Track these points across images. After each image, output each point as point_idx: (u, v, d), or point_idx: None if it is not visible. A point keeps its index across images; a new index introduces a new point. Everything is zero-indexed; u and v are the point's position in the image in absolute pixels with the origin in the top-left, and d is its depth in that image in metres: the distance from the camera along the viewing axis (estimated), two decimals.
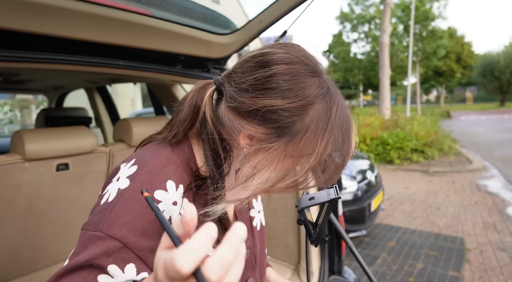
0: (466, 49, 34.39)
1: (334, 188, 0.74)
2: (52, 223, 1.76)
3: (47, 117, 2.67)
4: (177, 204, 0.60)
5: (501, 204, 4.86)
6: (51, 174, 1.65)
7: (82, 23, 1.20)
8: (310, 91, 0.56)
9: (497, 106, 34.78)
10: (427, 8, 20.74)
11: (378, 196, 3.82)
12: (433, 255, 3.38)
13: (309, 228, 0.76)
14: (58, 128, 1.65)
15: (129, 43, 1.40)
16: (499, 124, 16.61)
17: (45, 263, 1.79)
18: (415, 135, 8.66)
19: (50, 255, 1.80)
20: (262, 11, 1.58)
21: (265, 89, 0.56)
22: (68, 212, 1.81)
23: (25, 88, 3.14)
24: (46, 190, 1.67)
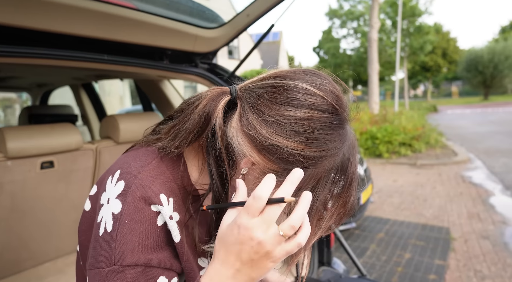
0: (452, 45, 34.97)
1: None
2: (37, 222, 1.73)
3: (30, 115, 2.61)
4: (172, 218, 0.58)
5: (485, 194, 4.98)
6: (35, 172, 1.62)
7: (63, 16, 1.18)
8: (334, 144, 0.54)
9: (481, 100, 35.47)
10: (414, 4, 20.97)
11: (368, 189, 3.87)
12: (420, 245, 3.44)
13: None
14: (42, 125, 1.62)
15: (113, 37, 1.38)
16: (483, 117, 16.96)
17: (30, 264, 1.76)
18: (403, 129, 8.78)
19: (34, 255, 1.77)
20: (249, 5, 1.57)
21: (292, 131, 0.53)
22: (54, 210, 1.79)
23: (7, 86, 3.06)
24: (30, 189, 1.64)
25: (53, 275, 1.77)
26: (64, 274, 1.79)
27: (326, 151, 0.54)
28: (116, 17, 1.28)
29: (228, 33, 1.73)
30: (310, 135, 0.53)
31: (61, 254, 1.90)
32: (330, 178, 0.56)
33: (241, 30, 1.71)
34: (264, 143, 0.53)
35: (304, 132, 0.53)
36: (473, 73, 34.10)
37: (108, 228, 0.55)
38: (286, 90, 0.55)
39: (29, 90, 3.44)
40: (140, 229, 0.54)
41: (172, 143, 0.60)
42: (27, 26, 1.12)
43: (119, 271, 0.53)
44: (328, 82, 0.58)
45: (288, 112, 0.53)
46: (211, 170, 0.59)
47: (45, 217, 1.76)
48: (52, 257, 1.86)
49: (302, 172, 0.51)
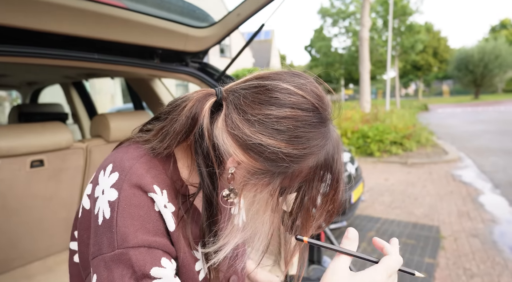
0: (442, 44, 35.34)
1: None
2: (27, 221, 1.72)
3: (20, 113, 2.59)
4: (167, 207, 0.58)
5: (474, 193, 5.06)
6: (24, 170, 1.61)
7: (53, 15, 1.17)
8: (316, 142, 0.55)
9: (471, 99, 35.94)
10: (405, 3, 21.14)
11: (359, 187, 3.91)
12: (410, 243, 3.49)
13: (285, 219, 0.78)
14: (32, 124, 1.61)
15: (104, 37, 1.37)
16: (473, 116, 17.19)
17: (19, 263, 1.75)
18: (394, 128, 8.86)
19: (23, 254, 1.76)
20: (240, 4, 1.57)
21: (273, 129, 0.54)
22: (44, 209, 1.77)
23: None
24: (19, 188, 1.63)
25: (43, 274, 1.76)
26: (54, 272, 1.79)
27: (308, 149, 0.55)
28: (107, 17, 1.27)
29: (219, 33, 1.74)
30: (292, 133, 0.54)
31: (51, 252, 1.89)
32: (316, 176, 0.57)
33: (232, 29, 1.72)
34: (247, 142, 0.55)
35: (285, 131, 0.54)
36: (463, 72, 34.51)
37: (107, 215, 0.54)
38: (267, 90, 0.56)
39: (19, 88, 3.40)
40: (139, 213, 0.55)
41: (161, 144, 0.61)
42: (16, 25, 1.11)
43: (123, 253, 0.52)
44: (309, 82, 0.59)
45: (269, 111, 0.55)
46: (201, 169, 0.60)
47: (35, 216, 1.75)
48: (42, 255, 1.85)
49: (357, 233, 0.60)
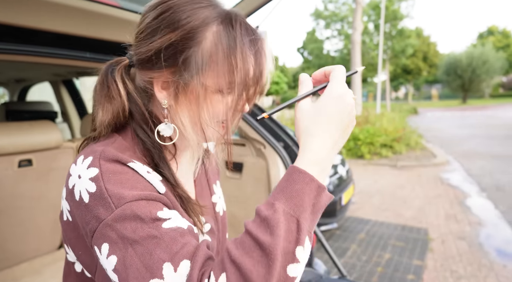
0: (432, 49, 35.89)
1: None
2: (14, 222, 1.68)
3: (8, 111, 2.54)
4: (150, 173, 0.58)
5: (461, 196, 5.15)
6: (12, 170, 1.58)
7: (44, 13, 1.15)
8: (200, 15, 0.54)
9: (460, 103, 36.61)
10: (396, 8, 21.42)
11: (349, 189, 3.93)
12: (399, 245, 3.53)
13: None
14: (20, 123, 1.58)
15: (96, 35, 1.35)
16: (461, 120, 17.50)
17: (5, 264, 1.71)
18: (384, 131, 8.96)
19: (9, 255, 1.72)
20: (233, 6, 1.57)
21: (156, 29, 0.55)
22: (32, 210, 1.74)
23: None
24: (7, 188, 1.59)
25: (29, 276, 1.73)
26: (40, 274, 1.75)
27: (194, 22, 0.54)
28: (99, 15, 1.25)
29: None
30: (172, 20, 0.54)
31: (38, 254, 1.85)
32: (225, 46, 0.54)
33: None
34: (149, 57, 0.56)
35: (162, 23, 0.55)
36: (452, 77, 35.13)
37: (92, 189, 0.52)
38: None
39: (7, 85, 3.33)
40: (126, 177, 0.53)
41: (104, 126, 0.61)
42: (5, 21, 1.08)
43: (125, 209, 0.49)
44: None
45: (146, 19, 0.57)
46: (143, 128, 0.61)
47: (22, 216, 1.71)
48: (29, 257, 1.81)
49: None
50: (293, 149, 1.84)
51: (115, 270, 0.49)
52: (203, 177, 0.80)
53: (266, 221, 0.46)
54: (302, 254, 0.46)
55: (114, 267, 0.49)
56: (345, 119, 0.54)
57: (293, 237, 0.46)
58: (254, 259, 0.44)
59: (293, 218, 0.47)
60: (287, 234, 0.46)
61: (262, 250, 0.44)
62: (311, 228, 0.49)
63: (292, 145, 1.84)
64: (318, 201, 0.49)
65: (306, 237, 0.47)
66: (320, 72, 0.60)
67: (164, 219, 0.51)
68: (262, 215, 0.47)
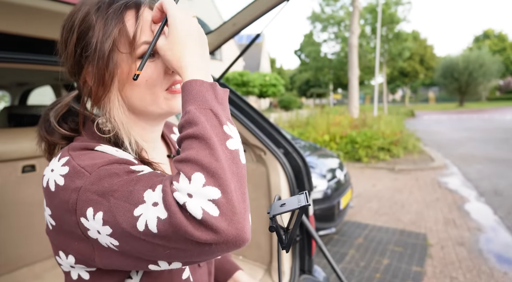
0: (429, 52, 36.11)
1: (304, 194, 0.76)
2: (15, 226, 1.68)
3: (10, 115, 2.53)
4: (119, 151, 0.62)
5: (460, 201, 5.16)
6: (16, 176, 1.58)
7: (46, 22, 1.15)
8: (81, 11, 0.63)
9: (456, 106, 36.78)
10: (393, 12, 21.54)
11: (347, 194, 3.94)
12: (398, 250, 3.53)
13: (281, 234, 0.77)
14: (24, 129, 1.59)
15: None
16: (458, 124, 17.59)
17: (5, 269, 1.71)
18: (382, 134, 8.99)
19: (11, 260, 1.72)
20: (235, 14, 1.58)
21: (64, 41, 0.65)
22: (34, 215, 1.74)
23: None
24: (10, 193, 1.60)
25: (30, 281, 1.72)
26: (41, 279, 1.75)
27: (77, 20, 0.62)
28: None
29: (214, 41, 1.74)
30: (66, 30, 0.64)
31: (38, 259, 1.85)
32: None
33: (227, 38, 1.72)
34: (71, 65, 0.65)
35: (65, 35, 0.65)
36: (449, 80, 35.32)
37: (65, 172, 0.55)
38: None
39: (9, 89, 3.33)
40: (96, 154, 0.58)
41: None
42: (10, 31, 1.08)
43: (99, 172, 0.53)
44: None
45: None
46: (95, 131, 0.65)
47: (24, 221, 1.71)
48: (29, 262, 1.81)
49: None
50: (293, 155, 1.84)
51: (104, 223, 0.50)
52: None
53: (187, 122, 0.51)
54: (232, 132, 0.52)
55: (103, 221, 0.50)
56: (195, 33, 0.58)
57: (215, 121, 0.51)
58: (194, 148, 0.49)
59: (206, 109, 0.52)
60: (208, 120, 0.51)
61: (196, 138, 0.49)
62: (226, 114, 0.54)
63: (292, 152, 1.84)
64: (217, 94, 0.55)
65: (227, 121, 0.53)
66: (156, 12, 0.63)
67: (138, 171, 0.54)
68: (181, 122, 0.52)
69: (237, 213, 0.46)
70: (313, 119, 10.71)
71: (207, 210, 0.44)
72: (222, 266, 0.97)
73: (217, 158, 0.47)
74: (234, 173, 0.48)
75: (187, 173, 0.47)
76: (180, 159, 0.49)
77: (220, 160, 0.47)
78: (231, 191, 0.47)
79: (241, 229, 0.46)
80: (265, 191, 1.91)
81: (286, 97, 32.21)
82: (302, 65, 33.03)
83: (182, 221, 0.44)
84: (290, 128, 10.65)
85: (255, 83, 24.05)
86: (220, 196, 0.45)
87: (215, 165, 0.47)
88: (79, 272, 0.63)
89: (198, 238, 0.44)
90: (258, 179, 1.93)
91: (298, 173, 1.81)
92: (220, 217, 0.45)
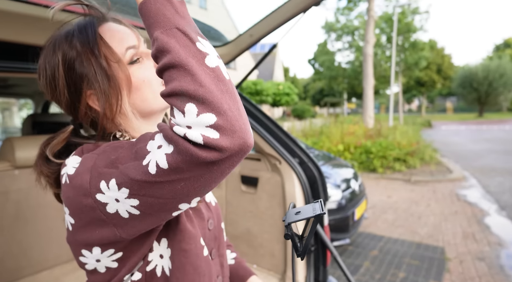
0: (446, 61, 35.53)
1: (320, 203, 0.76)
2: (39, 230, 1.73)
3: (34, 122, 2.64)
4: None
5: (480, 214, 5.01)
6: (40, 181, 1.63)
7: None
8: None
9: (476, 117, 35.94)
10: (409, 21, 21.35)
11: (362, 204, 3.89)
12: (414, 264, 3.45)
13: (296, 241, 0.78)
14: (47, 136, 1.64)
15: None
16: (478, 134, 17.16)
17: (28, 271, 1.76)
18: (397, 144, 8.85)
19: (33, 263, 1.76)
20: (252, 26, 1.61)
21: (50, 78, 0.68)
22: (56, 219, 1.79)
23: (12, 92, 3.09)
24: (34, 197, 1.66)
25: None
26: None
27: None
28: None
29: (231, 52, 1.77)
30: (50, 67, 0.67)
31: (59, 262, 1.89)
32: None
33: (244, 49, 1.75)
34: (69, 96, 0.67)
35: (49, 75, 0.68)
36: (467, 89, 34.58)
37: (76, 162, 0.59)
38: None
39: (32, 97, 3.46)
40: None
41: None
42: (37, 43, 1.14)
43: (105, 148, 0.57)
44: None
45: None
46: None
47: (47, 225, 1.77)
48: (51, 265, 1.85)
49: None
50: (309, 165, 1.84)
51: (119, 187, 0.52)
52: None
53: (159, 51, 0.49)
54: (206, 48, 0.50)
55: (117, 186, 0.52)
56: None
57: (185, 40, 0.48)
58: (176, 78, 0.47)
59: (171, 29, 0.49)
60: (179, 42, 0.48)
61: (173, 68, 0.47)
62: (194, 29, 0.51)
63: (307, 161, 1.84)
64: (175, 7, 0.51)
65: (197, 36, 0.50)
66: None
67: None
68: (153, 52, 0.50)
69: (237, 129, 0.47)
70: (327, 129, 10.65)
71: (207, 135, 0.45)
72: (236, 271, 0.98)
73: (201, 82, 0.47)
74: (223, 91, 0.48)
75: (179, 106, 0.47)
76: (167, 93, 0.49)
77: (205, 84, 0.47)
78: (225, 110, 0.46)
79: (243, 142, 0.47)
80: (280, 200, 1.91)
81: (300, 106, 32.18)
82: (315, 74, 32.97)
83: (187, 146, 0.46)
84: (303, 138, 10.62)
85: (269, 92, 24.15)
86: (216, 119, 0.46)
87: (202, 91, 0.46)
88: (106, 263, 0.64)
89: (205, 158, 0.46)
90: (273, 188, 1.94)
91: (314, 182, 1.81)
92: (221, 137, 0.45)
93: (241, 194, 2.11)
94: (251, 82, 23.56)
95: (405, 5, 19.01)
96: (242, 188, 2.11)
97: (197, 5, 18.69)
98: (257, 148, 1.98)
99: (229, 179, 2.19)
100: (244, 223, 2.10)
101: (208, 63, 0.48)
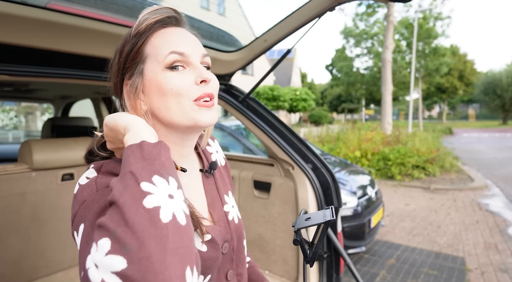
0: (469, 67, 34.63)
1: (330, 209, 0.75)
2: (54, 231, 1.78)
3: (53, 126, 2.72)
4: None
5: (503, 224, 4.83)
6: (56, 183, 1.68)
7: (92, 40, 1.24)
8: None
9: (499, 124, 34.76)
10: (431, 26, 20.95)
11: (378, 212, 3.82)
12: (433, 274, 3.35)
13: (305, 248, 0.77)
14: (65, 139, 1.69)
15: None
16: (501, 142, 16.58)
17: (45, 272, 1.80)
18: (416, 151, 8.65)
19: (49, 263, 1.81)
20: (267, 31, 1.62)
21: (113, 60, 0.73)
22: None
23: (33, 97, 3.20)
24: (50, 199, 1.70)
25: None
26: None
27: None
28: None
29: (245, 57, 1.79)
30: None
31: (74, 264, 1.94)
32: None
33: (258, 54, 1.76)
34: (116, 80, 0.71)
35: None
36: (491, 96, 33.52)
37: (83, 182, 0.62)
38: None
39: (53, 101, 3.58)
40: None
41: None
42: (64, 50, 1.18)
43: (98, 196, 0.57)
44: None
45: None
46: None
47: (62, 227, 1.81)
48: (66, 266, 1.90)
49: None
50: (322, 171, 1.83)
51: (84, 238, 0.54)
52: (213, 188, 0.83)
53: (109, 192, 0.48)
54: (152, 188, 0.46)
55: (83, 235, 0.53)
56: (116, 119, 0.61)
57: (130, 181, 0.47)
58: (108, 215, 0.45)
59: (125, 174, 0.48)
60: (123, 183, 0.47)
61: (110, 205, 0.46)
62: (152, 168, 0.49)
63: (321, 167, 1.83)
64: (144, 151, 0.51)
65: (151, 175, 0.48)
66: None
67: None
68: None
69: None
70: (344, 135, 10.52)
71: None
72: (249, 276, 0.98)
73: (126, 220, 0.42)
74: (150, 236, 0.41)
75: (95, 238, 0.43)
76: (96, 225, 0.45)
77: (130, 223, 0.41)
78: (141, 259, 0.39)
79: None
80: (293, 206, 1.90)
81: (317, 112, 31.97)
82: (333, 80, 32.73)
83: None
84: (320, 144, 10.53)
85: (286, 97, 24.11)
86: (125, 267, 0.39)
87: (122, 229, 0.41)
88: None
89: None
90: (286, 194, 1.93)
91: (327, 188, 1.79)
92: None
93: (254, 199, 2.11)
94: (268, 88, 23.61)
95: (426, 10, 18.65)
96: (254, 193, 2.11)
97: (215, 12, 19.00)
98: (270, 153, 1.98)
99: (242, 184, 2.19)
100: (256, 228, 2.09)
101: (146, 203, 0.44)
